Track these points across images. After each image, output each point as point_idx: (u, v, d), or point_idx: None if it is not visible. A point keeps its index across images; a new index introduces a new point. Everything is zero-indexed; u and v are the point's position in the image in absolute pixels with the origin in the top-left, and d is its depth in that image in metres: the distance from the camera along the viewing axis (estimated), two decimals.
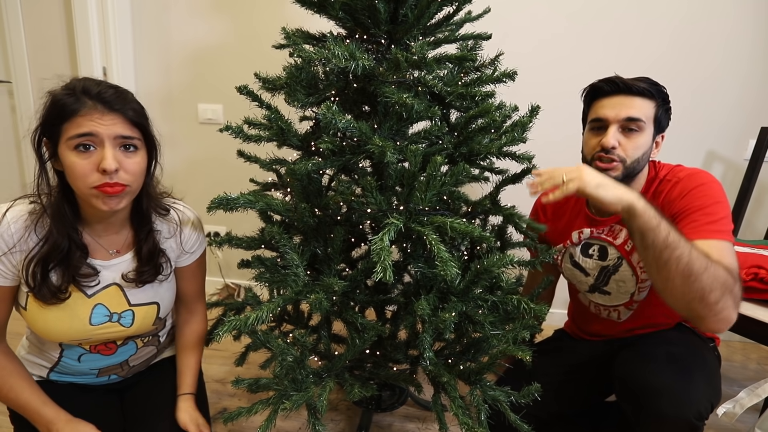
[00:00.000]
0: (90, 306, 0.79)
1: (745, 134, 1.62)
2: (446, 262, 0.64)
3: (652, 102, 0.90)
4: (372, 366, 0.98)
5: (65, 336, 0.79)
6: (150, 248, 0.82)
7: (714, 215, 0.82)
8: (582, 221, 1.03)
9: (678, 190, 0.88)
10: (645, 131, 0.89)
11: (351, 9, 0.83)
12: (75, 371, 0.86)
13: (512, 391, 0.86)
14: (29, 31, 1.81)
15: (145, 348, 0.91)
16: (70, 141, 0.68)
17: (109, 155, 0.68)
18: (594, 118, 0.93)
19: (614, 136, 0.88)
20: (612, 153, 0.88)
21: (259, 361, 1.18)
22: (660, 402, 0.77)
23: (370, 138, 0.75)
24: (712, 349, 0.97)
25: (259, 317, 0.72)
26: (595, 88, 0.93)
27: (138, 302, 0.84)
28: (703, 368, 0.84)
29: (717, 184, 0.86)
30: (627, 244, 0.95)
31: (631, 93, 0.88)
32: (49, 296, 0.74)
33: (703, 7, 1.53)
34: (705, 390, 0.79)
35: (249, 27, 1.73)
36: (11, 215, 0.72)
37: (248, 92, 0.92)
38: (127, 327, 0.83)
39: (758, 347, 1.80)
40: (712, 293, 0.70)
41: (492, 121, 0.85)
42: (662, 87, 0.91)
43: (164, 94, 1.85)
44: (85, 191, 0.70)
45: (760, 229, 1.68)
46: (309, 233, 0.89)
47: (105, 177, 0.69)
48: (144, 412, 0.89)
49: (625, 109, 0.88)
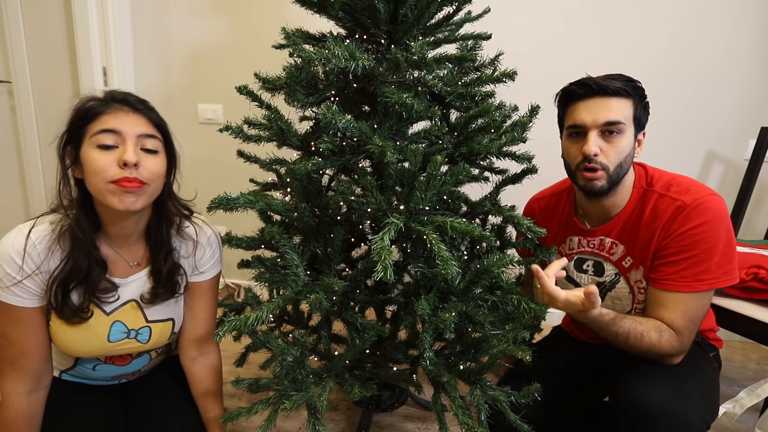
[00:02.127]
0: (108, 323, 0.79)
1: (745, 134, 1.62)
2: (447, 261, 0.65)
3: (629, 101, 0.85)
4: (372, 366, 0.98)
5: (84, 352, 0.80)
6: (169, 268, 0.82)
7: (705, 263, 0.81)
8: (572, 230, 1.01)
9: (678, 223, 0.83)
10: (626, 133, 0.85)
11: (351, 9, 0.83)
12: (88, 377, 0.87)
13: (512, 391, 0.86)
14: (29, 31, 1.81)
15: (158, 357, 0.92)
16: (94, 138, 0.69)
17: (130, 149, 0.69)
18: (571, 124, 0.88)
19: (595, 143, 0.84)
20: (594, 161, 0.84)
21: (259, 361, 1.18)
22: (655, 425, 0.76)
23: (370, 138, 0.75)
24: (712, 359, 0.96)
25: (259, 317, 0.73)
26: (568, 92, 0.89)
27: (155, 318, 0.84)
28: (699, 385, 0.83)
29: (722, 217, 0.82)
30: (625, 260, 0.93)
31: (606, 94, 0.84)
32: (71, 315, 0.75)
33: (703, 7, 1.53)
34: (700, 410, 0.78)
35: (249, 27, 1.73)
36: (35, 236, 0.72)
37: (248, 92, 0.92)
38: (144, 343, 0.84)
39: (758, 347, 1.80)
40: (662, 358, 0.84)
41: (492, 121, 0.84)
42: (637, 82, 0.86)
43: (164, 94, 1.85)
44: (102, 187, 0.69)
45: (760, 229, 1.68)
46: (309, 233, 0.89)
47: (124, 171, 0.69)
48: (153, 417, 0.88)
49: (603, 112, 0.83)
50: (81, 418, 0.82)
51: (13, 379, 0.75)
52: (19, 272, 0.70)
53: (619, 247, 0.93)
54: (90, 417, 0.83)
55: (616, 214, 0.92)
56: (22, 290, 0.71)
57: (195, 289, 0.88)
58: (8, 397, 0.75)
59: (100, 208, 0.75)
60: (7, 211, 2.07)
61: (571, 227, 1.01)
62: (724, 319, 1.14)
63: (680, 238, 0.83)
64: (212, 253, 0.88)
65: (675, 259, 0.84)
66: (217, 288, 0.92)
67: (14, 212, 2.07)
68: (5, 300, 0.71)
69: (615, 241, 0.93)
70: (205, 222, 0.89)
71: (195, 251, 0.86)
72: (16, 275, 0.70)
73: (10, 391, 0.75)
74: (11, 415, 0.75)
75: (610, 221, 0.93)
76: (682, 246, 0.83)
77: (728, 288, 1.17)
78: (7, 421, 0.75)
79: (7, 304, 0.71)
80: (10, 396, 0.75)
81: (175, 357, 0.97)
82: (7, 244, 0.70)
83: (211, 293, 0.90)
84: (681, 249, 0.83)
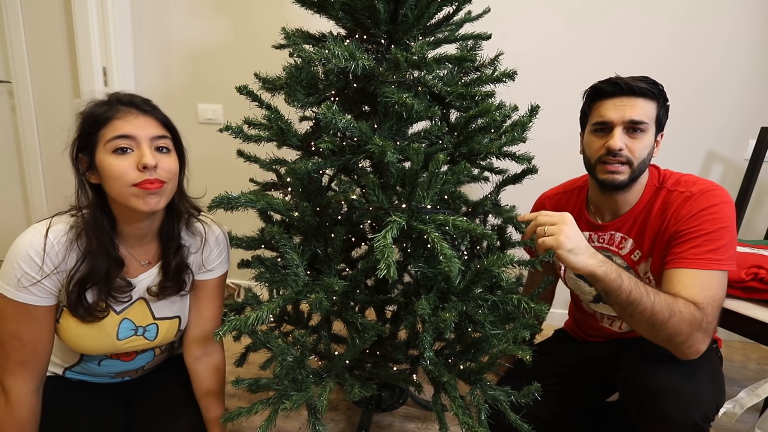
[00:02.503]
0: (117, 321, 0.80)
1: (745, 134, 1.62)
2: (450, 258, 0.65)
3: (654, 102, 0.89)
4: (372, 366, 0.98)
5: (93, 350, 0.80)
6: (178, 263, 0.83)
7: (715, 242, 0.82)
8: (583, 225, 1.02)
9: (688, 208, 0.86)
10: (648, 132, 0.89)
11: (351, 9, 0.83)
12: (92, 373, 0.87)
13: (512, 391, 0.86)
14: (29, 31, 1.81)
15: (161, 355, 0.93)
16: (109, 144, 0.70)
17: (147, 152, 0.71)
18: (597, 120, 0.91)
19: (620, 138, 0.87)
20: (619, 155, 0.88)
21: (259, 361, 1.18)
22: (665, 404, 0.76)
23: (370, 138, 0.75)
24: (714, 350, 0.97)
25: (259, 317, 0.73)
26: (597, 89, 0.93)
27: (162, 316, 0.84)
28: (707, 369, 0.83)
29: (728, 204, 0.85)
30: (633, 254, 0.94)
31: (634, 94, 0.88)
32: (85, 314, 0.75)
33: (703, 7, 1.53)
34: (710, 391, 0.79)
35: (249, 27, 1.73)
36: (53, 236, 0.72)
37: (248, 92, 0.92)
38: (151, 340, 0.84)
39: (758, 347, 1.80)
40: (678, 336, 0.75)
41: (492, 121, 0.84)
42: (661, 86, 0.90)
43: (164, 94, 1.85)
44: (125, 191, 0.71)
45: (760, 229, 1.68)
46: (309, 233, 0.89)
47: (145, 174, 0.71)
48: (155, 416, 0.88)
49: (629, 110, 0.87)
50: (84, 416, 0.82)
51: (26, 378, 0.75)
52: (39, 272, 0.71)
53: (629, 241, 0.95)
54: (93, 416, 0.83)
55: (628, 210, 0.95)
56: (40, 289, 0.72)
57: (202, 287, 0.88)
58: (19, 396, 0.74)
59: (117, 210, 0.76)
60: (7, 211, 2.07)
61: (582, 223, 1.02)
62: (724, 319, 1.14)
63: (690, 220, 0.85)
64: (219, 252, 0.89)
65: (686, 239, 0.85)
66: (223, 287, 0.93)
67: (14, 212, 2.07)
68: (23, 300, 0.71)
69: (624, 235, 0.96)
70: (213, 221, 0.90)
71: (203, 248, 0.86)
72: (35, 275, 0.71)
73: (21, 390, 0.74)
74: (24, 413, 0.75)
75: (621, 217, 0.95)
76: (692, 227, 0.85)
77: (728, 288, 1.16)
78: (20, 420, 0.74)
79: (23, 304, 0.72)
80: (21, 395, 0.74)
81: (177, 356, 0.97)
82: (26, 244, 0.70)
83: (217, 292, 0.91)
84: (690, 229, 0.85)
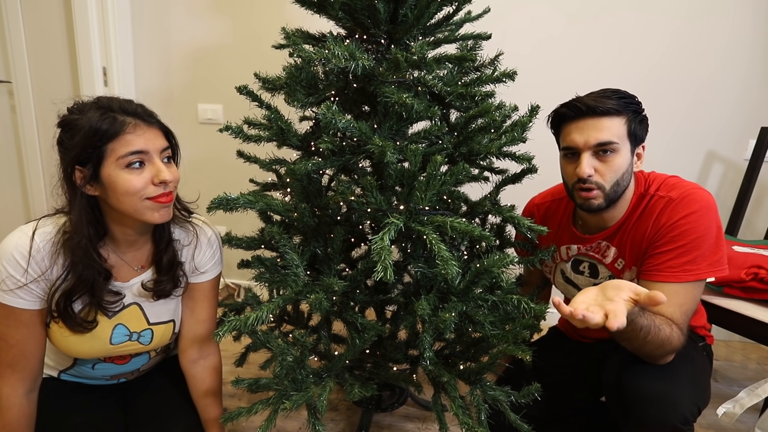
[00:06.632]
0: (111, 326, 0.79)
1: (745, 134, 1.62)
2: (447, 261, 0.65)
3: (621, 118, 0.83)
4: (372, 366, 0.98)
5: (85, 354, 0.80)
6: (170, 258, 0.82)
7: (692, 252, 0.81)
8: (569, 238, 1.01)
9: (666, 216, 0.84)
10: (620, 151, 0.84)
11: (351, 9, 0.83)
12: (87, 376, 0.87)
13: (512, 391, 0.86)
14: (29, 31, 1.81)
15: (157, 357, 0.92)
16: (122, 159, 0.69)
17: (163, 168, 0.72)
18: (565, 146, 0.88)
19: (588, 164, 0.83)
20: (589, 181, 0.84)
21: (259, 361, 1.18)
22: (646, 408, 0.77)
23: (370, 138, 0.75)
24: (701, 348, 0.96)
25: (259, 317, 0.73)
26: (559, 114, 0.89)
27: (157, 321, 0.84)
28: (689, 371, 0.83)
29: (708, 209, 0.83)
30: (617, 262, 0.94)
31: (596, 114, 0.83)
32: (74, 326, 0.75)
33: (704, 7, 1.53)
34: (691, 394, 0.79)
35: (249, 27, 1.73)
36: (40, 238, 0.71)
37: (248, 92, 0.92)
38: (146, 345, 0.84)
39: (758, 347, 1.80)
40: (663, 357, 0.80)
41: (492, 121, 0.84)
42: (631, 98, 0.85)
43: (164, 94, 1.85)
44: (138, 205, 0.71)
45: (760, 229, 1.68)
46: (309, 233, 0.89)
47: (160, 188, 0.72)
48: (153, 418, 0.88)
49: (594, 133, 0.83)
50: (80, 419, 0.82)
51: (14, 381, 0.74)
52: (24, 275, 0.70)
53: (611, 249, 0.94)
54: (89, 418, 0.83)
55: (614, 224, 0.93)
56: (26, 293, 0.71)
57: (196, 289, 0.87)
58: (8, 399, 0.74)
59: (115, 219, 0.75)
60: (7, 211, 2.07)
61: (569, 233, 1.01)
62: (725, 319, 1.14)
63: (668, 229, 0.84)
64: (212, 254, 0.88)
65: (662, 250, 0.84)
66: (217, 289, 0.92)
67: (14, 212, 2.07)
68: (8, 303, 0.71)
69: (608, 243, 0.94)
70: (205, 222, 0.89)
71: (195, 251, 0.85)
72: (20, 278, 0.70)
73: (10, 392, 0.74)
74: (12, 416, 0.74)
75: (607, 230, 0.94)
76: (670, 237, 0.83)
77: (728, 288, 1.17)
78: (8, 422, 0.74)
79: (9, 307, 0.71)
80: (10, 398, 0.74)
81: (173, 357, 0.97)
82: (11, 245, 0.69)
83: (212, 294, 0.90)
84: (669, 240, 0.84)
